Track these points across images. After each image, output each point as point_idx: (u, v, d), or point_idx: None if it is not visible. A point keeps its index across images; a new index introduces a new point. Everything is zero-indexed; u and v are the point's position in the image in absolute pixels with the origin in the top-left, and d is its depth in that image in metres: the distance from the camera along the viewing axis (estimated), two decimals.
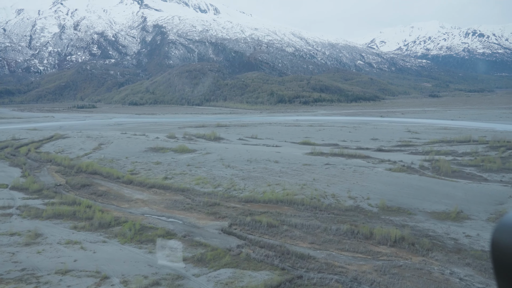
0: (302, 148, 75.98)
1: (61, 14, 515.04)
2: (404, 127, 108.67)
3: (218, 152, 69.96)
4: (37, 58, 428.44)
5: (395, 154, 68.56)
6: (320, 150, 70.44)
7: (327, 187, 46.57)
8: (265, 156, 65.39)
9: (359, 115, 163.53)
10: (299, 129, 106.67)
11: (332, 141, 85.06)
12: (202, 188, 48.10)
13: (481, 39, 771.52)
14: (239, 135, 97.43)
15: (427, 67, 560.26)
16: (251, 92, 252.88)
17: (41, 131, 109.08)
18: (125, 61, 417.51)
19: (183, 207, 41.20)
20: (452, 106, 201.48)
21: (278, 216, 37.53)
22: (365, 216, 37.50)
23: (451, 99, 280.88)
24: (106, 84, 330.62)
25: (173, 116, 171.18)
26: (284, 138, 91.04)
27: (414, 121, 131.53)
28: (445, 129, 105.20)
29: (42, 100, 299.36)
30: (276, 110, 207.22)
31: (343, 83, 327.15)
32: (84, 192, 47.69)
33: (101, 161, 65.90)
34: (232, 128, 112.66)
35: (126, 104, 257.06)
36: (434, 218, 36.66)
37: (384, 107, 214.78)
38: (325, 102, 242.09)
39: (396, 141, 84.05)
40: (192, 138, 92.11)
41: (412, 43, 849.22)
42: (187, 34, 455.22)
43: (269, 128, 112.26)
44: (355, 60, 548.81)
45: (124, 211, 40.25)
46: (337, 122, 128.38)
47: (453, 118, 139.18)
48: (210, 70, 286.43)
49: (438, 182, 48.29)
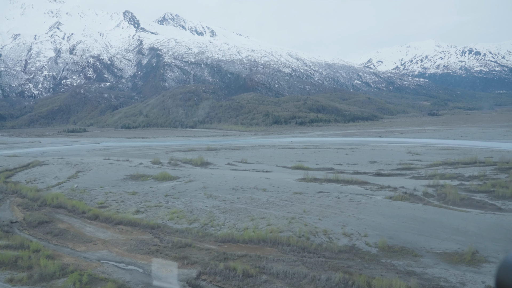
0: (294, 173, 70.02)
1: (57, 38, 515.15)
2: (404, 148, 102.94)
3: (202, 179, 64.13)
4: (32, 82, 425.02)
5: (395, 179, 62.58)
6: (314, 175, 64.51)
7: (318, 221, 40.54)
8: (253, 183, 59.55)
9: (356, 135, 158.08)
10: (293, 152, 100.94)
11: (327, 165, 79.17)
12: (175, 224, 42.00)
13: (477, 57, 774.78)
14: (228, 159, 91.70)
15: (425, 86, 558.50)
16: (246, 114, 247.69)
17: (21, 157, 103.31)
18: (120, 84, 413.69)
19: (148, 249, 34.95)
20: (453, 125, 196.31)
21: (258, 261, 31.34)
22: (362, 259, 31.29)
23: (451, 117, 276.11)
24: (99, 107, 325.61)
25: (164, 140, 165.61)
26: (276, 162, 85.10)
27: (414, 141, 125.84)
28: (447, 149, 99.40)
29: (34, 124, 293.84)
30: (271, 132, 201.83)
31: (340, 103, 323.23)
32: (40, 231, 41.43)
33: (72, 191, 59.87)
34: (223, 151, 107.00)
35: (119, 128, 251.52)
36: (445, 261, 30.50)
37: (382, 127, 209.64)
38: (322, 122, 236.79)
39: (396, 164, 78.16)
40: (177, 164, 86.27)
41: (409, 62, 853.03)
42: (183, 56, 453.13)
43: (262, 151, 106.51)
44: (352, 80, 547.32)
45: (77, 256, 33.96)
46: (334, 144, 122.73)
47: (454, 137, 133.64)
48: (205, 92, 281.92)
49: (445, 213, 42.28)
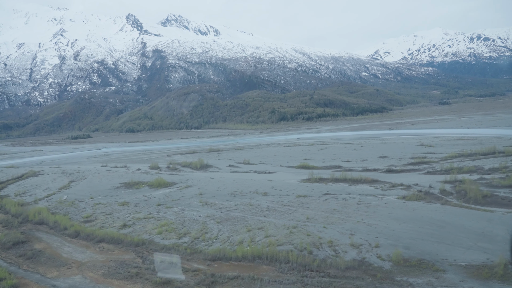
0: (298, 173, 65.21)
1: (61, 45, 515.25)
2: (416, 140, 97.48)
3: (200, 184, 59.78)
4: (38, 90, 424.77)
5: (408, 176, 57.45)
6: (319, 175, 59.66)
7: (323, 230, 35.81)
8: (254, 187, 54.96)
9: (365, 129, 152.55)
10: (299, 150, 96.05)
11: (335, 163, 74.16)
12: (163, 239, 37.52)
13: (486, 43, 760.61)
14: (230, 160, 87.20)
15: (434, 75, 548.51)
16: (252, 112, 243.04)
17: (17, 168, 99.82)
18: (125, 88, 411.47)
19: (127, 273, 30.42)
20: (465, 113, 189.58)
21: (252, 283, 26.75)
22: (373, 278, 26.42)
23: (463, 105, 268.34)
24: (104, 112, 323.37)
25: (167, 142, 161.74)
26: (280, 162, 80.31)
27: (427, 132, 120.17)
28: (462, 139, 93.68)
29: (40, 132, 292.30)
30: (277, 129, 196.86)
31: (348, 96, 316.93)
32: (13, 253, 37.16)
33: (60, 204, 55.75)
34: (225, 152, 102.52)
35: (124, 132, 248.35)
36: (473, 276, 25.45)
37: (392, 119, 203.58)
38: (330, 117, 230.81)
39: (408, 158, 72.89)
40: (176, 168, 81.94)
41: (416, 52, 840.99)
42: (187, 56, 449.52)
43: (266, 150, 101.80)
44: (359, 72, 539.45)
45: (45, 285, 29.64)
46: (342, 139, 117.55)
47: (468, 126, 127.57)
48: (209, 91, 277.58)
49: (467, 214, 37.22)
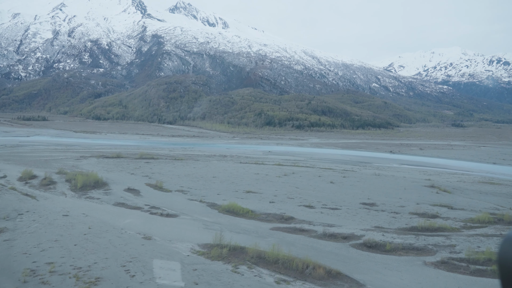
0: (212, 225, 33.30)
1: (58, 19, 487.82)
2: (424, 176, 65.95)
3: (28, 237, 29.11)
4: (22, 64, 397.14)
5: (401, 267, 25.56)
6: (238, 241, 28.16)
7: None
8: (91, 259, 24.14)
9: (361, 148, 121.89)
10: (254, 172, 64.65)
11: (288, 205, 40.49)
12: None
13: (506, 67, 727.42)
14: (145, 178, 54.78)
15: (449, 94, 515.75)
16: (237, 111, 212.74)
17: None
18: (114, 71, 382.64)
19: None
20: (485, 140, 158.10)
21: None
22: None
23: (479, 130, 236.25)
24: (81, 94, 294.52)
25: (115, 137, 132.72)
26: (207, 192, 47.57)
27: (439, 162, 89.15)
28: (491, 183, 61.46)
29: (5, 109, 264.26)
30: (257, 135, 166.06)
31: (352, 106, 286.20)
32: None
33: None
34: (155, 163, 71.44)
35: (90, 118, 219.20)
36: None
37: (397, 138, 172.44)
38: (324, 127, 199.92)
39: (409, 214, 38.68)
40: (52, 183, 50.37)
41: (432, 69, 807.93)
42: (185, 45, 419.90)
43: (213, 166, 70.92)
44: (370, 83, 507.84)
45: None
46: (324, 160, 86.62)
47: (494, 160, 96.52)
48: (194, 83, 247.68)
49: None
